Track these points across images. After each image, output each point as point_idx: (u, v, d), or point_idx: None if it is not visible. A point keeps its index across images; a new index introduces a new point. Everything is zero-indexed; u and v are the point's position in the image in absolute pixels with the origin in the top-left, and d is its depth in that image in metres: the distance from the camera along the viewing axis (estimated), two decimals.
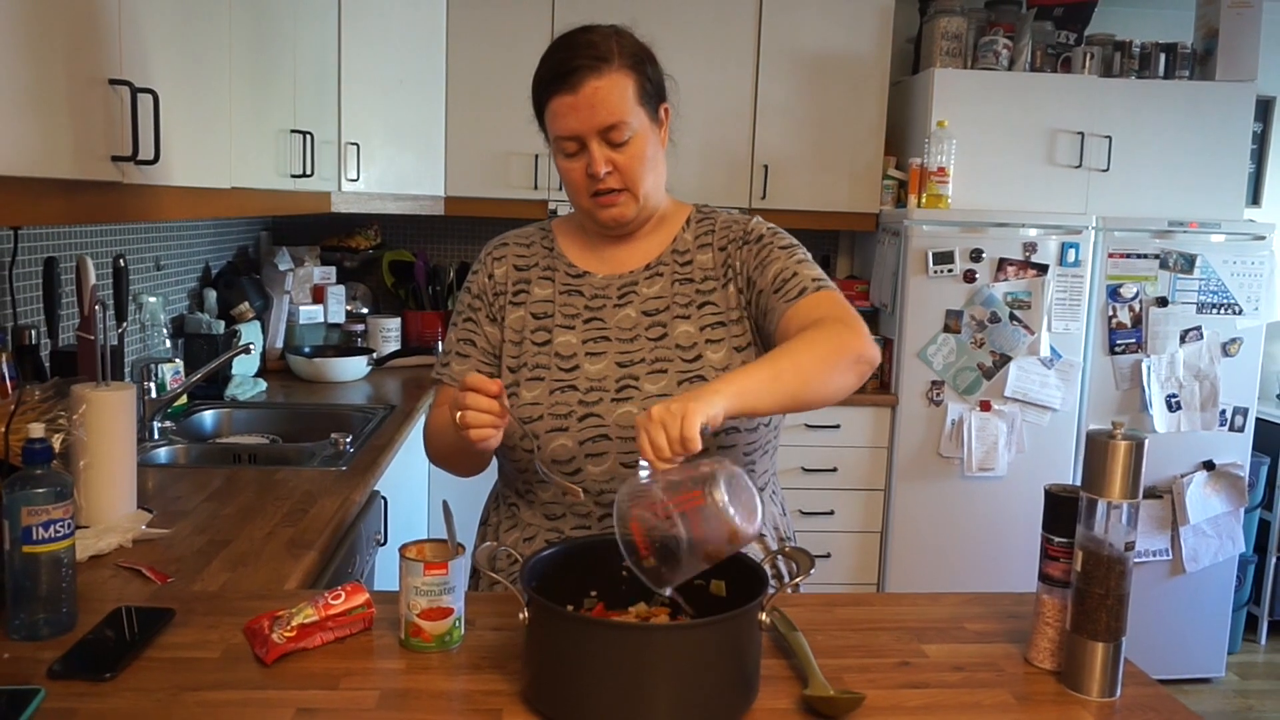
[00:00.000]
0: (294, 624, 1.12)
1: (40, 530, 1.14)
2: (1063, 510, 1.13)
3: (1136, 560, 3.87)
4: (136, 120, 1.46)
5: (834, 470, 3.30)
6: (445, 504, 1.22)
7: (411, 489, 2.84)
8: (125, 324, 2.14)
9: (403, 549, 1.15)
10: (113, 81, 1.42)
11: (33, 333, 1.98)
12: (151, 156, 1.50)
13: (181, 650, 1.13)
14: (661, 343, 1.37)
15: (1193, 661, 3.48)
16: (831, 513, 3.30)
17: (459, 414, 1.18)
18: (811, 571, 1.06)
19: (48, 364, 2.04)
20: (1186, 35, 3.49)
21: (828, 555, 3.31)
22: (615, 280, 1.43)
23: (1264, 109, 3.90)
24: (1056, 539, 1.14)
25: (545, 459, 1.33)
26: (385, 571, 2.23)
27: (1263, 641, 3.84)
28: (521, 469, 1.39)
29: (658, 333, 1.38)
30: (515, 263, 1.47)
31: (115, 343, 2.06)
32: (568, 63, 1.33)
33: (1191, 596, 3.42)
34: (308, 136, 2.54)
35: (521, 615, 1.01)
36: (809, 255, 1.41)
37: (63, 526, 1.16)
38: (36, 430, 1.17)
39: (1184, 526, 3.36)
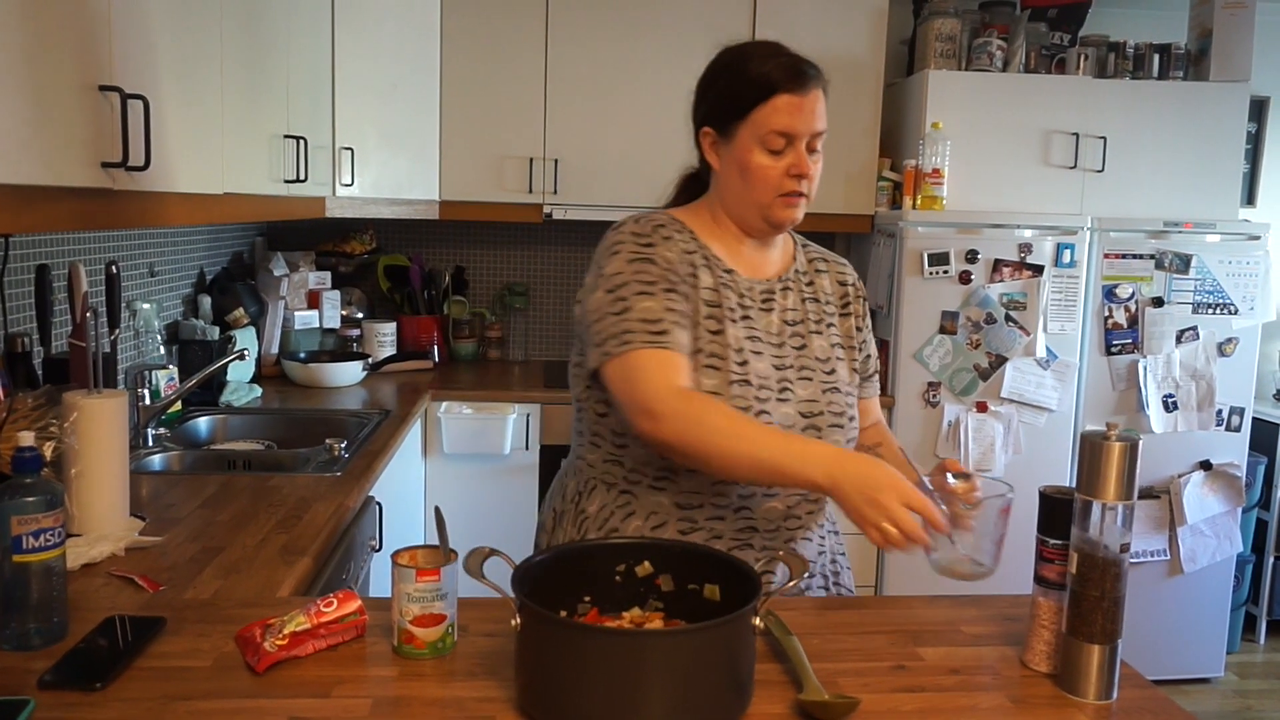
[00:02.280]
0: (286, 632, 1.11)
1: (30, 539, 1.14)
2: (1057, 512, 1.13)
3: (1134, 561, 3.83)
4: (127, 126, 1.45)
5: None
6: (437, 510, 1.22)
7: (407, 495, 2.83)
8: (118, 331, 2.13)
9: (395, 555, 1.14)
10: (102, 88, 1.42)
11: (25, 340, 1.97)
12: (142, 163, 1.49)
13: (172, 659, 1.13)
14: (803, 352, 1.45)
15: (1192, 661, 3.48)
16: None
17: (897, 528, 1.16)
18: (806, 575, 1.05)
19: (40, 372, 2.03)
20: (1180, 36, 3.49)
21: None
22: (757, 284, 1.46)
23: (1258, 109, 3.91)
24: (1051, 541, 1.14)
25: None
26: (381, 577, 2.22)
27: (1261, 641, 3.84)
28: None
29: (799, 342, 1.46)
30: (682, 246, 1.42)
31: (108, 350, 2.06)
32: (799, 66, 1.39)
33: (1190, 597, 3.42)
34: (301, 141, 2.53)
35: (513, 622, 1.01)
36: None
37: (53, 535, 1.15)
38: (25, 439, 1.16)
39: (1181, 527, 3.35)
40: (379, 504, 2.21)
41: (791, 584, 1.05)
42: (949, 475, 1.26)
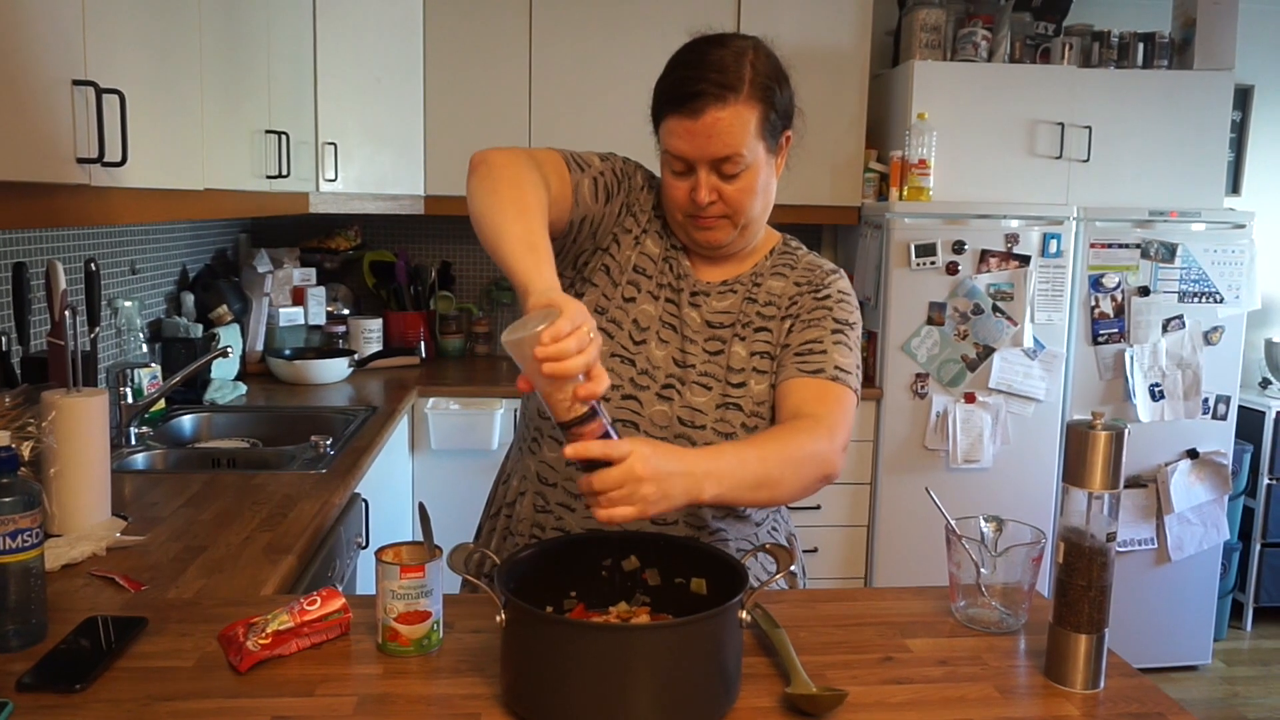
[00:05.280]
0: (269, 631, 1.10)
1: (7, 540, 1.12)
2: None
3: (1121, 550, 3.82)
4: (102, 122, 1.43)
5: None
6: (422, 506, 1.21)
7: (393, 491, 2.82)
8: (98, 329, 2.11)
9: (379, 552, 1.13)
10: (76, 82, 1.40)
11: (4, 340, 1.95)
12: (119, 158, 1.47)
13: (154, 659, 1.11)
14: (716, 358, 1.34)
15: (1179, 649, 3.50)
16: (818, 507, 3.30)
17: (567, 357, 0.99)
18: (791, 568, 1.05)
19: (19, 371, 2.01)
20: (1164, 25, 3.49)
21: (815, 550, 3.30)
22: (692, 278, 1.38)
23: (1242, 97, 3.92)
24: None
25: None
26: (367, 575, 2.21)
27: (1248, 628, 3.86)
28: (545, 414, 1.35)
29: (715, 347, 1.34)
30: (656, 201, 1.40)
31: (87, 348, 2.03)
32: (691, 84, 1.23)
33: (1177, 585, 3.43)
34: (283, 136, 2.51)
35: (499, 618, 1.00)
36: (856, 343, 1.35)
37: (31, 536, 1.14)
38: (2, 438, 1.14)
39: (1168, 515, 3.37)
40: (365, 501, 2.20)
41: (778, 576, 1.04)
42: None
